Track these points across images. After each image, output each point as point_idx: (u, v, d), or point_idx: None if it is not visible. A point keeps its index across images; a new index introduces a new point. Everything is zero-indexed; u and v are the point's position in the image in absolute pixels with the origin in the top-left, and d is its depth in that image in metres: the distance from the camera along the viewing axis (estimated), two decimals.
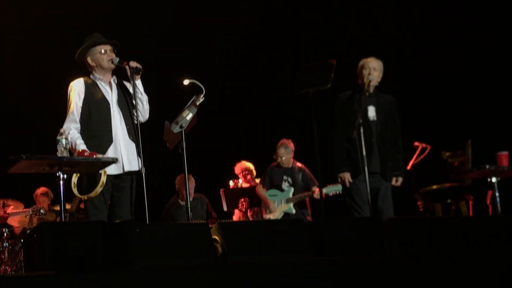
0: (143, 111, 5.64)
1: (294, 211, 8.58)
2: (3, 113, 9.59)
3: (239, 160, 9.30)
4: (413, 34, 10.19)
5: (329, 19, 10.30)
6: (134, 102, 5.54)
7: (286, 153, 8.71)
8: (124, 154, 5.46)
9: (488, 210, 7.55)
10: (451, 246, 4.85)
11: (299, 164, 8.78)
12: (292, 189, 8.63)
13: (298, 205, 8.62)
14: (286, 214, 8.58)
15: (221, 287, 4.00)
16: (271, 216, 8.60)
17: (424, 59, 10.05)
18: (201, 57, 10.22)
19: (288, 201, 8.61)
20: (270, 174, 8.83)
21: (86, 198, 5.34)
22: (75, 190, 5.31)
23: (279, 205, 8.61)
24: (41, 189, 9.00)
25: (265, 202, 8.68)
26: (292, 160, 8.77)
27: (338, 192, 7.93)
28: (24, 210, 8.30)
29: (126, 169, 5.45)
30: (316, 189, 8.38)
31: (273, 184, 8.75)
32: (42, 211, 8.20)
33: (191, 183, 8.70)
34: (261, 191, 8.77)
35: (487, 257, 4.79)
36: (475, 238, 4.97)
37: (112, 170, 5.36)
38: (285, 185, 8.70)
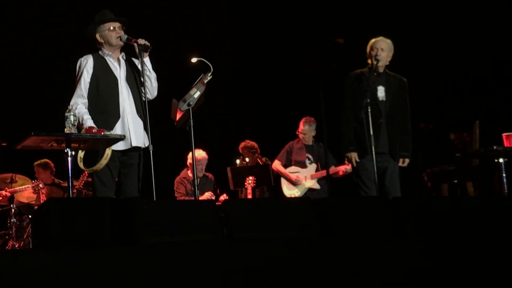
0: (151, 88, 5.65)
1: (319, 187, 8.60)
2: (12, 90, 9.61)
3: (243, 139, 9.30)
4: (421, 13, 10.13)
5: None
6: (142, 79, 5.55)
7: (310, 130, 8.72)
8: (132, 130, 5.47)
9: (495, 190, 7.56)
10: (457, 227, 4.86)
11: (319, 142, 8.80)
12: (315, 165, 8.65)
13: (325, 180, 8.61)
14: (311, 190, 8.60)
15: (227, 263, 4.02)
16: (295, 193, 8.61)
17: (431, 38, 10.00)
18: (209, 34, 10.21)
19: (312, 176, 8.63)
20: (290, 151, 8.83)
21: (91, 171, 5.36)
22: (81, 164, 5.33)
23: (303, 181, 8.63)
24: (39, 160, 8.99)
25: (288, 177, 8.69)
26: (312, 138, 8.79)
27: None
28: (25, 187, 8.29)
29: (134, 144, 5.47)
30: (342, 166, 8.36)
31: (296, 160, 8.76)
32: (40, 185, 8.18)
33: (204, 160, 8.72)
34: (280, 167, 8.78)
35: (492, 238, 4.79)
36: (482, 218, 4.97)
37: (119, 145, 5.38)
38: (307, 162, 8.72)
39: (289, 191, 8.68)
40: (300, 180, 8.62)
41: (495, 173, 7.43)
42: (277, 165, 8.81)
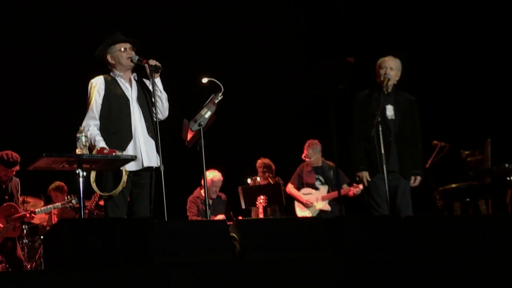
0: (163, 109, 5.66)
1: (330, 208, 8.63)
2: (24, 111, 9.67)
3: (258, 157, 9.32)
4: (432, 31, 10.15)
5: (347, 16, 10.29)
6: (153, 99, 5.56)
7: (314, 153, 8.80)
8: (144, 150, 5.48)
9: (507, 209, 7.51)
10: (470, 245, 4.83)
11: (329, 162, 8.82)
12: (327, 187, 8.69)
13: (336, 201, 8.62)
14: (321, 211, 8.61)
15: (238, 284, 4.01)
16: (306, 214, 8.65)
17: (443, 57, 10.01)
18: (220, 55, 10.25)
19: (323, 198, 8.66)
20: (301, 173, 8.89)
21: (107, 196, 5.38)
22: (94, 186, 5.34)
23: (314, 203, 8.68)
24: (54, 184, 9.01)
25: (300, 200, 8.74)
26: (321, 158, 8.83)
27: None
28: (54, 204, 8.18)
29: (145, 164, 5.47)
30: (352, 187, 8.46)
31: (306, 183, 8.81)
32: (74, 201, 8.06)
33: (219, 181, 8.74)
34: (293, 190, 8.87)
35: (506, 256, 4.76)
36: (494, 237, 4.95)
37: (131, 166, 5.39)
38: (318, 183, 8.76)
39: (302, 213, 8.75)
40: (311, 202, 8.67)
41: (508, 191, 7.40)
42: (290, 188, 8.90)
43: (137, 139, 5.50)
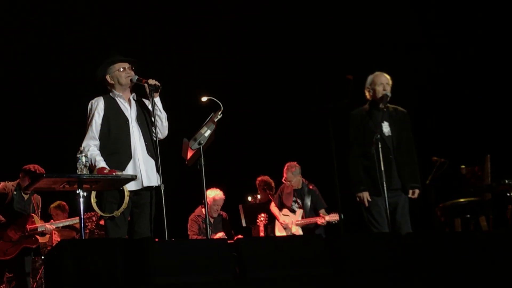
0: (162, 128, 5.67)
1: (301, 234, 8.57)
2: (25, 132, 9.69)
3: (257, 175, 9.32)
4: (430, 47, 10.18)
5: (342, 34, 10.34)
6: (153, 119, 5.58)
7: (293, 176, 8.78)
8: (143, 170, 5.49)
9: (508, 224, 7.51)
10: (471, 261, 4.82)
11: (310, 185, 8.80)
12: (301, 212, 8.66)
13: (307, 228, 8.64)
14: None
15: None
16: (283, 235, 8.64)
17: (442, 73, 10.04)
18: (219, 74, 10.29)
19: (297, 223, 8.63)
20: (281, 194, 8.89)
21: (108, 217, 5.38)
22: (95, 207, 5.35)
23: (289, 226, 8.65)
24: (55, 203, 9.03)
25: (278, 220, 8.74)
26: (301, 180, 8.81)
27: (336, 222, 8.10)
28: (74, 218, 8.16)
29: (145, 184, 5.48)
30: (319, 217, 8.49)
31: (284, 204, 8.80)
32: (94, 218, 8.07)
33: (221, 200, 8.75)
34: (274, 209, 8.87)
35: (508, 272, 4.75)
36: (496, 253, 4.94)
37: (131, 186, 5.39)
38: (295, 206, 8.75)
39: (279, 233, 8.75)
40: (286, 224, 8.64)
41: (508, 207, 7.39)
42: (272, 207, 8.90)
43: (136, 159, 5.51)
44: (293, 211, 8.70)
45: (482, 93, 9.74)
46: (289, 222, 8.67)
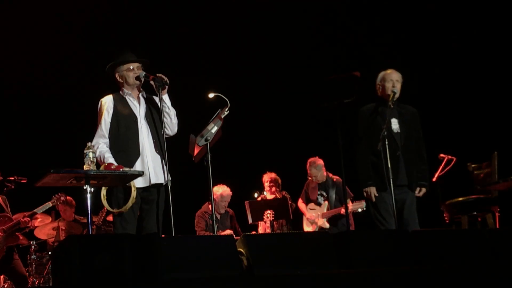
0: (171, 125, 5.70)
1: (328, 226, 8.64)
2: (32, 128, 9.71)
3: (264, 172, 9.32)
4: (438, 43, 10.16)
5: (350, 32, 10.33)
6: (161, 116, 5.59)
7: (317, 170, 8.87)
8: (151, 167, 5.51)
9: None
10: (478, 259, 4.82)
11: (335, 177, 8.85)
12: (327, 204, 8.71)
13: (334, 219, 8.67)
14: (322, 229, 8.64)
15: None
16: (310, 230, 8.69)
17: (449, 70, 10.02)
18: (227, 70, 10.29)
19: (323, 215, 8.69)
20: (307, 189, 8.96)
21: (117, 212, 5.39)
22: (105, 203, 5.36)
23: (316, 219, 8.72)
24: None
25: (305, 215, 8.82)
26: (325, 174, 8.87)
27: (363, 209, 8.06)
28: (45, 205, 8.06)
29: (153, 181, 5.50)
30: (341, 207, 8.47)
31: (310, 199, 8.88)
32: (62, 198, 8.08)
33: (229, 196, 8.78)
34: (301, 205, 9.01)
35: None
36: (502, 250, 4.93)
37: (139, 183, 5.41)
38: (320, 199, 8.81)
39: (307, 227, 8.87)
40: (313, 219, 8.72)
41: None
42: (299, 203, 9.05)
43: (144, 156, 5.53)
44: (319, 204, 8.78)
45: (490, 90, 9.72)
46: (316, 215, 8.78)
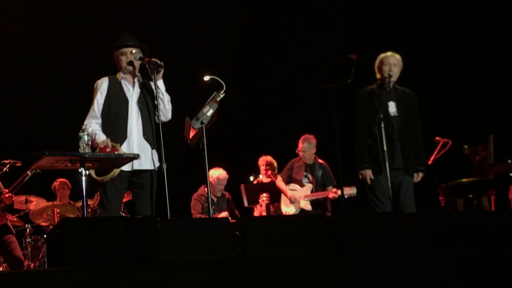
0: (165, 110, 5.68)
1: (310, 208, 8.58)
2: (26, 110, 9.68)
3: (260, 155, 9.30)
4: (433, 27, 10.13)
5: (347, 14, 10.30)
6: (156, 102, 5.57)
7: (308, 148, 8.73)
8: (135, 152, 5.46)
9: (510, 205, 7.50)
10: (473, 242, 4.82)
11: (320, 161, 8.79)
12: (311, 186, 8.63)
13: (316, 202, 8.62)
14: (303, 210, 8.59)
15: (242, 282, 4.01)
16: (289, 210, 8.61)
17: (445, 52, 10.00)
18: (222, 52, 10.25)
19: (306, 197, 8.61)
20: (291, 168, 8.85)
21: (102, 180, 5.37)
22: (92, 172, 5.33)
23: (298, 200, 8.61)
24: (58, 180, 9.02)
25: (285, 195, 8.69)
26: (314, 156, 8.79)
27: (353, 195, 8.04)
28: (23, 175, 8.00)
29: (135, 167, 5.50)
30: (330, 191, 8.44)
31: (294, 179, 8.77)
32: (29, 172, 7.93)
33: (225, 180, 8.75)
34: (281, 183, 8.78)
35: (510, 252, 4.76)
36: (497, 233, 4.94)
37: (124, 166, 5.41)
38: (305, 181, 8.71)
39: (286, 208, 8.70)
40: (294, 198, 8.61)
41: (510, 187, 7.38)
42: (279, 181, 8.82)
43: (131, 141, 5.54)
44: (303, 185, 8.69)
45: (486, 73, 9.71)
46: (298, 196, 8.65)
